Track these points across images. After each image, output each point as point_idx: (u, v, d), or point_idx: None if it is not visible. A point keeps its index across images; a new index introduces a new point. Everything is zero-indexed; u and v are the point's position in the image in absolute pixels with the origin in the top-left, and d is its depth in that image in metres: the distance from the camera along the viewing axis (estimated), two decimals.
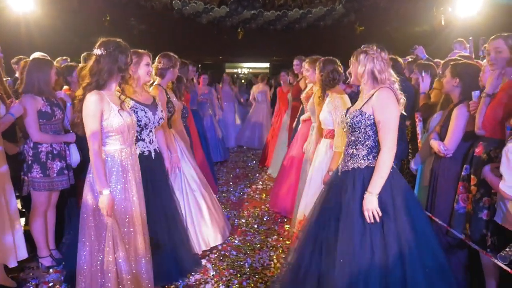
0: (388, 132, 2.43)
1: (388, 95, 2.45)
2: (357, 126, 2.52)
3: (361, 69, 2.53)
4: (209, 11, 13.68)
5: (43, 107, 3.32)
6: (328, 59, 3.61)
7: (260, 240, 4.28)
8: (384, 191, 2.44)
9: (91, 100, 2.50)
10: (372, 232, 2.42)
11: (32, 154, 3.33)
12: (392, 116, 2.44)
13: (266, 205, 5.38)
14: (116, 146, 2.68)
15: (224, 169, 7.45)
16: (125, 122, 2.66)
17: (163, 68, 3.69)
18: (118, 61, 2.58)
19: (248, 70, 20.76)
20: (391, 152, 2.44)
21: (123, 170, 2.70)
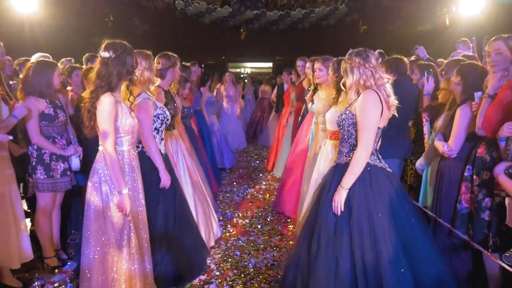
0: (364, 132, 2.54)
1: (371, 98, 2.56)
2: (342, 124, 2.70)
3: (348, 81, 2.67)
4: (212, 11, 13.71)
5: (46, 109, 3.34)
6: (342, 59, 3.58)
7: (264, 241, 4.29)
8: (363, 192, 2.55)
9: (106, 102, 2.52)
10: (341, 226, 2.53)
11: (36, 155, 3.35)
12: (370, 118, 2.55)
13: (269, 206, 5.39)
14: (125, 146, 2.71)
15: (227, 169, 7.45)
16: (135, 124, 2.72)
17: (162, 68, 3.69)
18: (126, 64, 2.61)
19: (251, 70, 20.78)
20: (365, 151, 2.55)
21: (131, 170, 2.74)
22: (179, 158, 3.81)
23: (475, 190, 2.83)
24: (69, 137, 3.54)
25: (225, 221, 4.84)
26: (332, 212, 2.57)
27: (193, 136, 4.89)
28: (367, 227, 2.47)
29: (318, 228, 2.61)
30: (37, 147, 3.35)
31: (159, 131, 3.20)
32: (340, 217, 2.55)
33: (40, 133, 3.34)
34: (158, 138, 3.20)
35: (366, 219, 2.50)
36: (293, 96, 6.53)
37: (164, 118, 3.20)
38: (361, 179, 2.58)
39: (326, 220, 2.60)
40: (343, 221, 2.54)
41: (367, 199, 2.53)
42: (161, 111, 3.19)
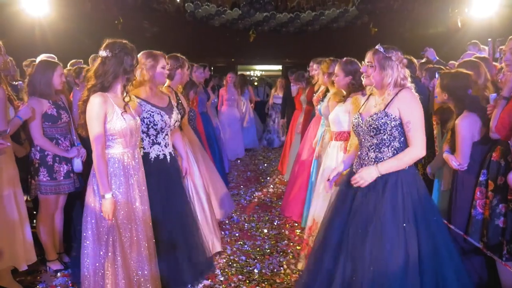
0: (418, 131, 2.42)
1: (412, 95, 2.46)
2: (383, 128, 2.47)
3: (388, 79, 2.47)
4: (222, 13, 13.68)
5: (48, 109, 3.30)
6: (352, 60, 3.49)
7: (270, 245, 4.20)
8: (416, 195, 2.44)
9: (94, 102, 2.47)
10: (406, 239, 2.36)
11: (39, 157, 3.31)
12: (421, 116, 2.45)
13: (277, 209, 5.31)
14: (119, 149, 2.64)
15: (235, 172, 7.39)
16: (128, 126, 2.62)
17: (171, 69, 3.65)
18: (123, 63, 2.55)
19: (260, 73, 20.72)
20: (420, 151, 2.44)
21: (125, 174, 2.66)
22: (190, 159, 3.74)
23: (489, 196, 2.72)
24: (73, 139, 3.49)
25: (231, 224, 4.77)
26: (393, 227, 2.40)
27: (199, 140, 4.82)
28: (397, 233, 2.37)
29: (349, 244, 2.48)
30: (40, 148, 3.31)
31: (148, 134, 3.09)
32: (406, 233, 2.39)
33: (43, 134, 3.30)
34: (147, 141, 3.10)
35: (396, 224, 2.39)
36: (302, 99, 6.44)
37: (150, 123, 3.06)
38: (421, 186, 2.50)
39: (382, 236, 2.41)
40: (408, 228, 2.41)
41: (424, 206, 2.45)
42: (147, 115, 3.05)
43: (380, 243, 2.38)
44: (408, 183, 2.45)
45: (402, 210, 2.39)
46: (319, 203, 3.49)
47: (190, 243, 3.27)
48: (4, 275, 3.16)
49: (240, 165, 7.99)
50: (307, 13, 13.93)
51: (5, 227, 3.00)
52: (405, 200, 2.41)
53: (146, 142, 3.10)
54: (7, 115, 3.04)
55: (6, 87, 3.13)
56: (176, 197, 3.23)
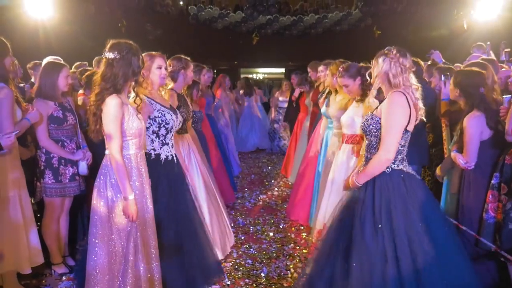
0: (388, 135, 2.43)
1: (397, 99, 2.45)
2: (369, 130, 2.56)
3: (376, 71, 2.55)
4: (225, 16, 13.71)
5: (54, 111, 3.28)
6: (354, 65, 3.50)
7: (276, 249, 4.17)
8: (398, 199, 2.43)
9: (112, 104, 2.44)
10: (383, 235, 2.39)
11: (44, 159, 3.28)
12: (395, 121, 2.44)
13: (282, 212, 5.27)
14: (132, 150, 2.61)
15: (239, 175, 7.35)
16: (142, 126, 2.63)
17: (173, 71, 3.62)
18: (132, 65, 2.52)
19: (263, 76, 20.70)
20: (387, 155, 2.44)
21: (139, 174, 2.64)
22: (192, 162, 3.72)
23: (503, 199, 2.69)
24: (79, 141, 3.46)
25: (236, 228, 4.73)
26: (369, 227, 2.44)
27: (203, 142, 4.80)
28: (406, 238, 2.36)
29: (355, 246, 2.46)
30: (46, 150, 3.29)
31: (158, 135, 3.06)
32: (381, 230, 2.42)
33: (49, 137, 3.28)
34: (158, 142, 3.07)
35: (405, 229, 2.39)
36: (307, 102, 6.41)
37: (162, 122, 3.03)
38: (397, 187, 2.47)
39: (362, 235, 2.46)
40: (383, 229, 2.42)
41: (406, 209, 2.41)
42: (158, 114, 3.02)
43: (361, 241, 2.43)
44: (387, 187, 2.47)
45: (378, 213, 2.43)
46: (329, 208, 3.44)
47: (200, 245, 3.24)
48: (9, 278, 3.14)
49: (244, 168, 7.95)
50: (310, 16, 13.95)
51: (8, 229, 2.96)
52: (382, 204, 2.44)
53: (157, 143, 3.08)
54: (15, 116, 3.02)
55: (14, 88, 3.11)
56: (185, 199, 3.21)
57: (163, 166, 3.07)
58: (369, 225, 2.44)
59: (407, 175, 2.52)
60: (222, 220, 3.93)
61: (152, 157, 3.03)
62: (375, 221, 2.43)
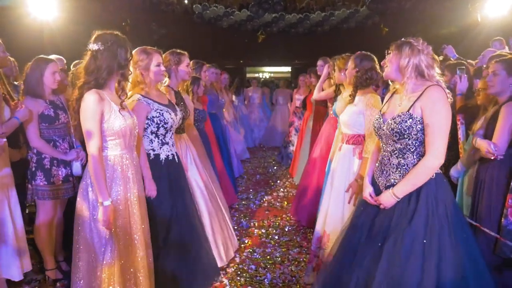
0: (438, 137, 2.12)
1: (440, 94, 2.14)
2: (408, 132, 2.19)
3: (404, 61, 2.20)
4: (230, 14, 13.54)
5: (45, 110, 3.11)
6: (366, 54, 3.25)
7: (281, 253, 3.97)
8: (441, 207, 2.17)
9: (90, 100, 2.26)
10: (426, 257, 2.11)
11: (35, 160, 3.12)
12: (444, 119, 2.14)
13: (287, 214, 5.07)
14: (117, 151, 2.42)
15: (244, 175, 7.17)
16: (127, 124, 2.42)
17: (166, 67, 3.45)
18: (117, 57, 2.34)
19: (269, 75, 20.53)
20: (437, 160, 2.15)
21: (123, 179, 2.44)
22: (188, 163, 3.53)
23: None
24: (72, 141, 3.29)
25: (240, 231, 4.54)
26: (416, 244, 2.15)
27: (206, 141, 4.62)
28: (430, 245, 2.12)
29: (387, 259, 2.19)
30: (37, 151, 3.12)
31: (157, 134, 2.90)
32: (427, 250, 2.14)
33: (40, 136, 3.11)
34: (157, 142, 2.91)
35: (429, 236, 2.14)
36: (313, 99, 6.20)
37: (160, 122, 2.86)
38: (448, 194, 2.24)
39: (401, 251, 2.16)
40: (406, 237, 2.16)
41: (434, 213, 2.16)
42: (156, 113, 2.85)
43: (396, 258, 2.14)
44: (435, 196, 2.19)
45: (424, 225, 2.14)
46: (329, 212, 3.23)
47: (200, 247, 3.08)
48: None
49: (249, 168, 7.76)
50: (316, 14, 13.75)
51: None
52: (430, 215, 2.16)
53: (156, 143, 2.92)
54: (2, 115, 2.86)
55: (1, 85, 2.95)
56: (186, 200, 3.06)
57: (164, 167, 2.91)
58: (410, 239, 2.14)
59: (438, 175, 2.24)
60: (224, 223, 3.74)
61: (151, 158, 2.88)
62: (419, 234, 2.14)
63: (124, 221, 2.43)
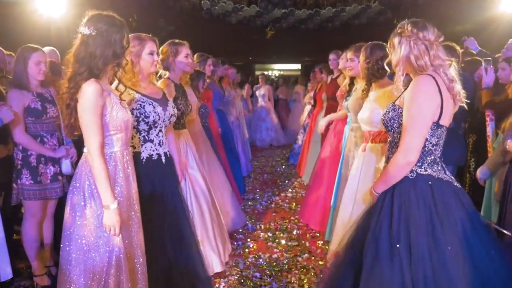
0: (407, 131, 1.94)
1: (422, 85, 1.93)
2: (390, 124, 2.09)
3: (395, 57, 2.05)
4: (239, 10, 13.26)
5: (32, 103, 2.86)
6: (376, 43, 2.98)
7: (288, 259, 3.67)
8: (424, 216, 1.92)
9: (90, 91, 1.97)
10: (401, 259, 1.90)
11: (21, 157, 2.87)
12: (418, 114, 1.92)
13: (295, 217, 4.78)
14: (118, 147, 2.16)
15: (251, 174, 6.89)
16: (129, 117, 2.19)
17: (163, 58, 3.17)
18: (113, 44, 2.05)
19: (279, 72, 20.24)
20: (404, 158, 1.95)
21: (125, 178, 2.19)
22: (189, 161, 3.26)
23: None
24: (61, 136, 3.03)
25: (245, 234, 4.26)
26: (384, 248, 1.96)
27: (210, 138, 4.35)
28: (431, 263, 1.84)
29: (365, 270, 1.99)
30: (23, 148, 2.87)
31: (138, 130, 2.59)
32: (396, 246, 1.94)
33: (26, 131, 2.86)
34: (138, 138, 2.60)
35: (429, 253, 1.87)
36: (324, 96, 5.91)
37: (140, 115, 2.55)
38: (421, 198, 1.95)
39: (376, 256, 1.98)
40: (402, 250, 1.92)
41: (432, 227, 1.90)
42: (136, 105, 2.54)
43: (374, 259, 1.97)
44: (409, 198, 1.97)
45: (396, 230, 1.94)
46: (353, 220, 2.92)
47: (190, 261, 2.78)
48: None
49: (256, 166, 7.48)
50: (327, 9, 13.41)
51: None
52: (402, 218, 1.95)
53: (137, 139, 2.60)
54: None
55: None
56: (174, 207, 2.73)
57: (144, 167, 2.58)
58: (384, 245, 1.95)
59: (438, 182, 1.98)
60: (213, 234, 3.44)
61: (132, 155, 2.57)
62: (392, 240, 1.93)
63: (126, 227, 2.18)
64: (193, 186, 3.24)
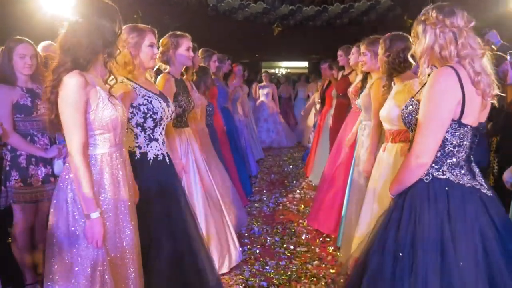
0: (420, 129, 1.74)
1: (440, 76, 1.72)
2: (408, 121, 1.91)
3: (419, 47, 1.82)
4: (245, 7, 13.05)
5: (21, 99, 2.65)
6: (396, 34, 2.73)
7: (297, 267, 3.44)
8: (431, 222, 1.71)
9: (71, 84, 1.76)
10: (403, 269, 1.73)
11: (10, 158, 2.67)
12: (433, 111, 1.71)
13: (304, 219, 4.55)
14: (105, 148, 1.93)
15: (258, 174, 6.66)
16: (118, 115, 1.93)
17: (163, 51, 2.96)
18: (103, 32, 1.84)
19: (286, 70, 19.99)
20: (416, 159, 1.74)
21: (113, 183, 1.95)
22: (190, 163, 3.04)
23: None
24: (54, 135, 2.83)
25: (250, 238, 4.04)
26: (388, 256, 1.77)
27: (214, 137, 4.14)
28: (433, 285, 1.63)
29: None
30: (12, 147, 2.67)
31: (144, 128, 2.39)
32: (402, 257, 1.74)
33: (15, 130, 2.66)
34: (144, 137, 2.40)
35: (433, 271, 1.66)
36: (334, 93, 5.67)
37: (148, 111, 2.36)
38: (434, 204, 1.72)
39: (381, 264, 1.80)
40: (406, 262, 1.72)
41: (441, 240, 1.68)
42: (143, 100, 2.36)
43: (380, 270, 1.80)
44: (421, 202, 1.75)
45: (403, 237, 1.76)
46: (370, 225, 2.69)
47: (200, 264, 2.59)
48: None
49: (263, 166, 7.26)
50: (335, 6, 13.16)
51: None
52: (409, 225, 1.75)
53: (142, 138, 2.40)
54: None
55: None
56: (182, 209, 2.54)
57: (152, 168, 2.40)
58: (389, 253, 1.77)
59: (457, 188, 1.74)
60: (223, 234, 3.23)
61: (137, 157, 2.37)
62: (397, 249, 1.74)
63: (114, 236, 1.95)
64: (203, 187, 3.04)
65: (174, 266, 2.46)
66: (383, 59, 2.71)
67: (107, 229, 1.89)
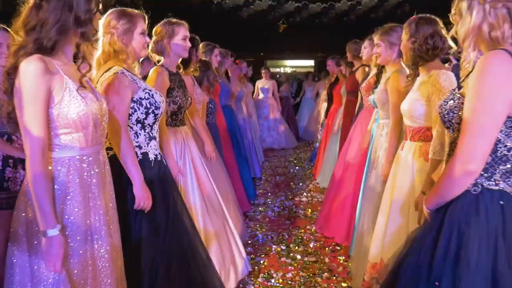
0: (465, 129, 1.39)
1: (492, 61, 1.35)
2: (448, 119, 1.54)
3: (462, 28, 1.47)
4: (250, 4, 12.82)
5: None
6: (423, 17, 2.39)
7: (305, 279, 3.14)
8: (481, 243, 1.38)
9: (28, 71, 1.46)
10: None
11: None
12: (483, 102, 1.35)
13: (312, 225, 4.25)
14: (73, 151, 1.61)
15: (262, 176, 6.36)
16: (89, 111, 1.61)
17: (157, 40, 2.67)
18: (74, 7, 1.54)
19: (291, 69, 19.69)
20: (463, 165, 1.38)
21: (83, 194, 1.63)
22: (186, 165, 2.74)
23: None
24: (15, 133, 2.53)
25: (254, 247, 3.74)
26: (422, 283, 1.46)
27: (216, 137, 3.84)
28: None
29: None
30: None
31: (144, 125, 2.12)
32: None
33: None
34: (144, 135, 2.13)
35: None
36: (343, 91, 5.37)
37: (151, 106, 2.09)
38: (485, 223, 1.38)
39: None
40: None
41: (494, 268, 1.35)
42: (145, 94, 2.09)
43: None
44: (466, 219, 1.41)
45: (441, 260, 1.42)
46: (388, 233, 2.37)
47: (203, 274, 2.32)
48: None
49: (267, 167, 6.96)
50: (342, 3, 12.93)
51: None
52: (451, 245, 1.43)
53: (143, 137, 2.13)
54: None
55: None
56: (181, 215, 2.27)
57: (154, 169, 2.14)
58: (423, 283, 1.46)
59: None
60: (225, 242, 2.93)
61: (139, 158, 2.09)
62: (433, 276, 1.43)
63: (84, 258, 1.64)
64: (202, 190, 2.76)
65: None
66: (408, 46, 2.36)
67: (71, 243, 1.58)
